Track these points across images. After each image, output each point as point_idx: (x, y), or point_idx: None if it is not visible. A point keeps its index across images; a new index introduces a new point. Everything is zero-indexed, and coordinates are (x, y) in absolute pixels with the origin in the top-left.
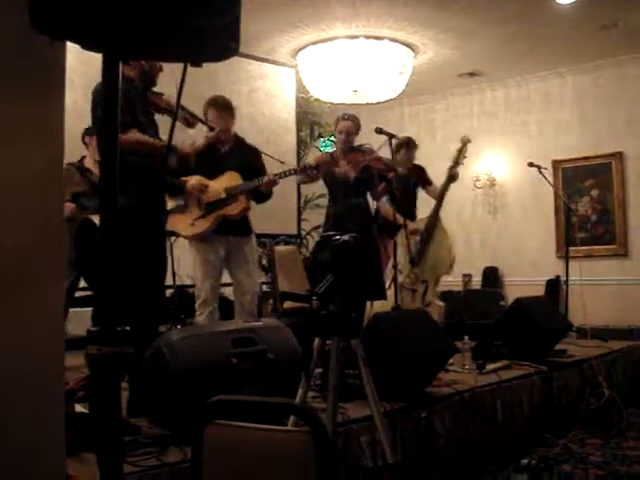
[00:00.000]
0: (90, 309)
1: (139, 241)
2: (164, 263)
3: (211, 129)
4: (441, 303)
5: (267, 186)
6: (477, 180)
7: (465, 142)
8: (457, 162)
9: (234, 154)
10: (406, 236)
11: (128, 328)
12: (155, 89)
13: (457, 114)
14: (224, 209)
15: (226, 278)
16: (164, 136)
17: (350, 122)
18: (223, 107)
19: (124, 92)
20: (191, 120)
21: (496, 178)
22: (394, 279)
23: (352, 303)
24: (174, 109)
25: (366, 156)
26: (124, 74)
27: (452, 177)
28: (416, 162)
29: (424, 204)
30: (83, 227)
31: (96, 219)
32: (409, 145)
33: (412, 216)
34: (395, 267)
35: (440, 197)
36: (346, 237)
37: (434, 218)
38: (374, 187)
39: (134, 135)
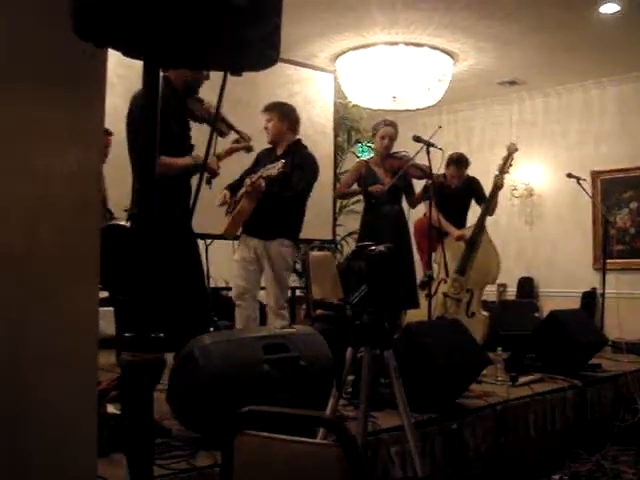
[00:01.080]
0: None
1: (170, 247)
2: (198, 267)
3: (239, 139)
4: (485, 314)
5: (250, 188)
6: (514, 189)
7: (512, 151)
8: (503, 170)
9: (286, 157)
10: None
11: (162, 335)
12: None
13: (496, 122)
14: (235, 209)
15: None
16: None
17: (392, 128)
18: (263, 109)
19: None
20: (226, 130)
21: (534, 188)
22: (426, 285)
23: (385, 314)
24: (212, 118)
25: (403, 163)
26: (168, 80)
27: (498, 186)
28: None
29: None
30: (109, 231)
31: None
32: (460, 161)
33: (460, 226)
34: (430, 276)
35: (487, 206)
36: (382, 248)
37: (480, 226)
38: (411, 194)
39: (161, 161)
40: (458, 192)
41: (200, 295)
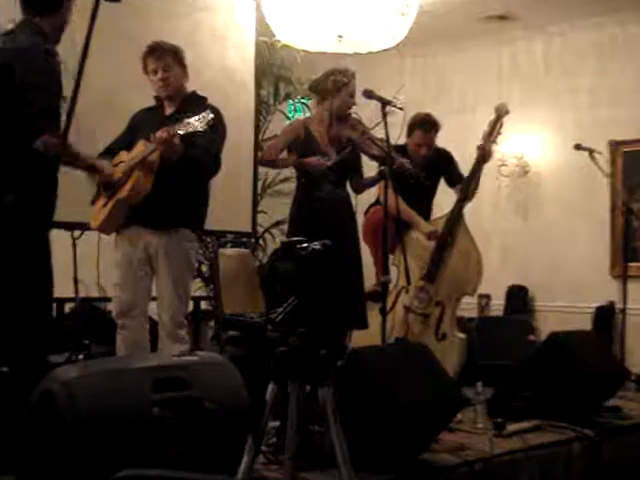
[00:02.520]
0: None
1: (19, 246)
2: (46, 271)
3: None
4: (461, 335)
5: (162, 147)
6: (502, 165)
7: (501, 113)
8: (489, 139)
9: (179, 117)
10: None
11: None
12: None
13: (480, 73)
14: (118, 191)
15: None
16: None
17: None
18: (153, 51)
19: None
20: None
21: (529, 164)
22: (381, 296)
23: (322, 336)
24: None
25: (354, 132)
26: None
27: (483, 158)
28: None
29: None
30: None
31: None
32: (426, 124)
33: (426, 216)
34: (386, 284)
35: (467, 187)
36: (317, 245)
37: (456, 216)
38: (358, 175)
39: None
40: (423, 169)
41: (40, 309)
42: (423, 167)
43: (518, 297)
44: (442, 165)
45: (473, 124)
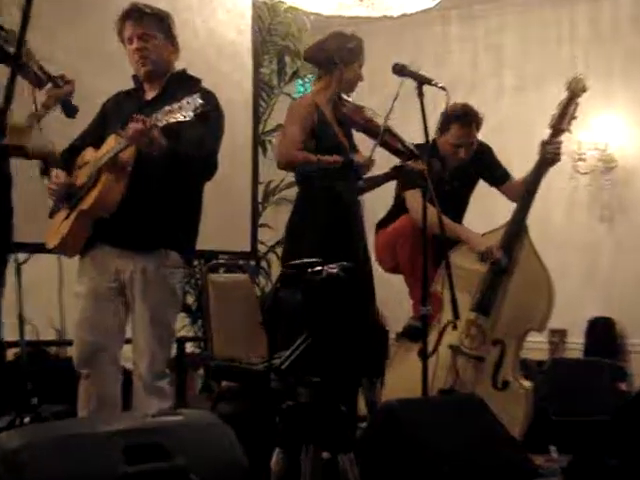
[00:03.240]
0: None
1: None
2: None
3: (56, 85)
4: (528, 383)
5: (135, 142)
6: (579, 160)
7: (576, 91)
8: (559, 127)
9: (162, 103)
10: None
11: None
12: None
13: (544, 37)
14: (82, 200)
15: None
16: None
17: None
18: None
19: None
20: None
21: (615, 157)
22: (418, 334)
23: (341, 387)
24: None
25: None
26: None
27: (549, 157)
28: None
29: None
30: None
31: None
32: (467, 117)
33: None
34: (425, 318)
35: (528, 192)
36: (334, 268)
37: (516, 230)
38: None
39: None
40: (460, 170)
41: None
42: (460, 172)
43: (603, 333)
44: (480, 164)
45: (536, 105)
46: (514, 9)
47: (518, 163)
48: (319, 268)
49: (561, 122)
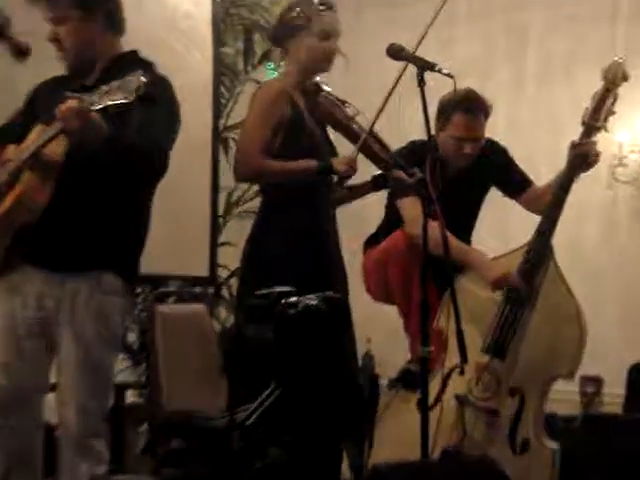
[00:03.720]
0: None
1: None
2: None
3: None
4: (553, 444)
5: (69, 125)
6: (619, 166)
7: (615, 80)
8: (594, 125)
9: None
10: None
11: None
12: None
13: (577, 13)
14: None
15: None
16: None
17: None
18: None
19: None
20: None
21: None
22: (413, 380)
23: (319, 446)
24: None
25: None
26: None
27: (582, 159)
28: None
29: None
30: None
31: None
32: (472, 105)
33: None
34: (425, 361)
35: (555, 204)
36: (313, 299)
37: (539, 252)
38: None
39: None
40: (466, 173)
41: None
42: (466, 175)
43: None
44: (492, 166)
45: (565, 97)
46: None
47: (546, 169)
48: (294, 299)
49: (596, 118)
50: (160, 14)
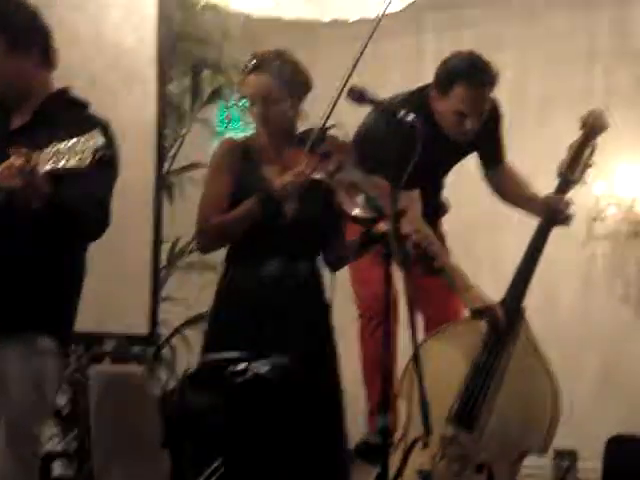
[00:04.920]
0: None
1: None
2: None
3: None
4: None
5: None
6: (596, 220)
7: (595, 127)
8: (570, 178)
9: (33, 134)
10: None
11: None
12: None
13: (553, 51)
14: None
15: None
16: None
17: (267, 75)
18: None
19: None
20: None
21: None
22: (373, 455)
23: None
24: None
25: (329, 163)
26: None
27: (556, 215)
28: None
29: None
30: None
31: None
32: (475, 76)
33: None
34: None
35: (526, 260)
36: (264, 366)
37: (514, 307)
38: (338, 239)
39: None
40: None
41: None
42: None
43: (626, 456)
44: (480, 130)
45: (537, 146)
46: (513, 12)
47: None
48: (242, 366)
49: (573, 170)
50: (98, 47)
